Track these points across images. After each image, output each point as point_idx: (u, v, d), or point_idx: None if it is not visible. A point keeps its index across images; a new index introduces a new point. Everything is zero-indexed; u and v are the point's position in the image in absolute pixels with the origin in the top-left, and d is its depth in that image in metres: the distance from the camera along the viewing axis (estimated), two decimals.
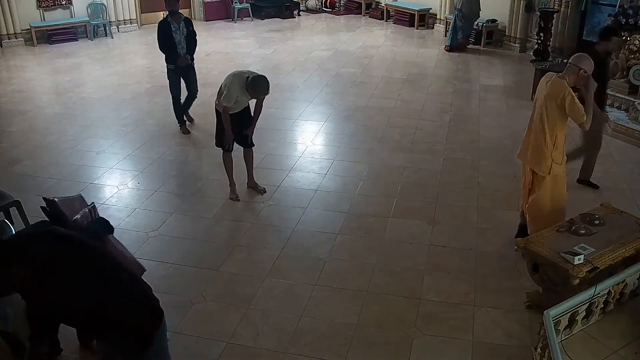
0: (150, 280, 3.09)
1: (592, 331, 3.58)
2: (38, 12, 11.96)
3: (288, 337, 3.91)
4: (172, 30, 6.90)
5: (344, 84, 9.43)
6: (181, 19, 6.99)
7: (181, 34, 6.97)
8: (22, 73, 10.16)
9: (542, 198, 4.59)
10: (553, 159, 4.46)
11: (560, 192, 4.62)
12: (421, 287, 4.41)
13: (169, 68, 7.17)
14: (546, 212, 4.58)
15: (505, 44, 11.63)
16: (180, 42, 6.99)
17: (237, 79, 5.29)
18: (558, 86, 4.34)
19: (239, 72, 5.41)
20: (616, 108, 7.69)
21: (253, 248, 4.96)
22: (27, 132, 7.42)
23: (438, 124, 7.69)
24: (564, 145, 4.54)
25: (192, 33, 7.09)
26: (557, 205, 4.61)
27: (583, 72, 4.33)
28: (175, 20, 6.92)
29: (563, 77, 4.38)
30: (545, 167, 4.49)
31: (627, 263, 3.84)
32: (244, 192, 5.84)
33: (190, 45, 7.13)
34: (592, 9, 9.70)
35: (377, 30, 13.56)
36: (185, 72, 7.24)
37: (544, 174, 4.51)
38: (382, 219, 5.35)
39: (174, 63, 7.06)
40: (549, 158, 4.46)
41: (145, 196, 5.79)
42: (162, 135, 7.32)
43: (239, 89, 5.26)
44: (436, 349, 3.82)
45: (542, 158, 4.49)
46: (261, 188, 5.82)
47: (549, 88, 4.40)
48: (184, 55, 7.06)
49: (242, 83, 5.25)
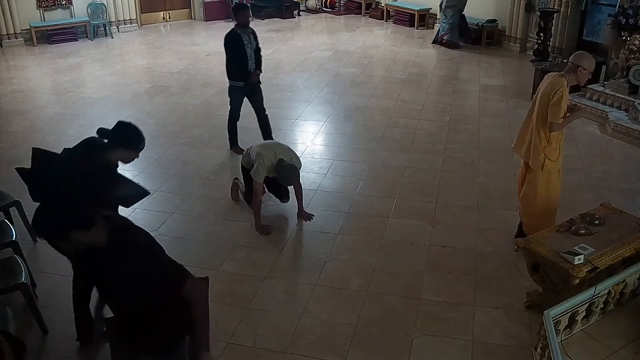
0: None
1: (592, 331, 3.57)
2: (38, 12, 11.97)
3: (288, 337, 3.91)
4: (244, 44, 6.26)
5: (344, 84, 9.43)
6: (250, 31, 6.37)
7: (251, 48, 6.35)
8: (22, 73, 10.16)
9: (533, 192, 4.65)
10: (546, 154, 4.51)
11: (553, 190, 4.66)
12: (421, 287, 4.41)
13: (235, 85, 6.47)
14: (538, 208, 4.65)
15: (505, 44, 11.62)
16: (251, 57, 6.34)
17: (267, 158, 5.02)
18: (555, 83, 4.39)
19: (270, 150, 5.13)
20: (616, 108, 7.69)
21: (253, 248, 4.96)
22: (27, 132, 7.42)
23: (438, 124, 7.69)
24: (559, 143, 4.56)
25: (258, 47, 6.51)
26: (549, 202, 4.67)
27: (581, 69, 4.36)
28: (245, 33, 6.30)
29: (563, 76, 4.42)
30: (538, 162, 4.54)
31: (627, 263, 3.84)
32: None
33: (258, 59, 6.49)
34: (592, 9, 9.70)
35: (377, 30, 13.57)
36: (252, 91, 6.53)
37: (537, 169, 4.57)
38: (382, 219, 5.35)
39: (244, 80, 6.39)
40: (542, 153, 4.51)
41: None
42: (162, 135, 7.32)
43: (269, 167, 5.03)
44: (436, 349, 3.82)
45: (535, 153, 4.54)
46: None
47: (547, 85, 4.45)
48: (254, 71, 6.41)
49: (272, 163, 5.03)
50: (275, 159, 5.06)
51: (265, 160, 5.03)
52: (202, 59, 11.06)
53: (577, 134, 7.40)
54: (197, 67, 10.45)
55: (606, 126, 7.50)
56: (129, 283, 2.64)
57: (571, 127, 7.61)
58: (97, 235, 2.53)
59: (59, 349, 3.80)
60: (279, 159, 5.07)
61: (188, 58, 11.07)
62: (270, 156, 5.07)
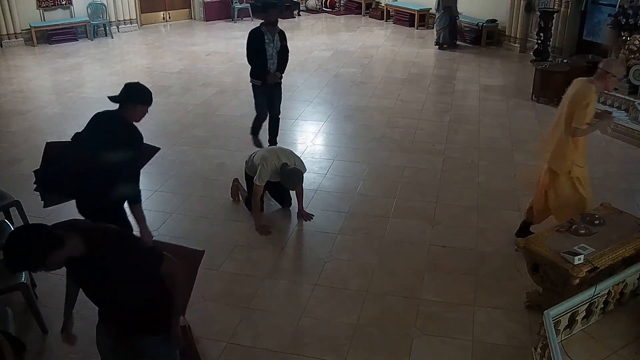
0: None
1: (592, 331, 3.57)
2: (38, 12, 11.98)
3: (288, 337, 3.91)
4: (265, 42, 6.19)
5: (344, 84, 9.43)
6: (276, 30, 6.27)
7: (274, 48, 6.27)
8: (22, 73, 10.16)
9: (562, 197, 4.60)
10: (573, 160, 4.50)
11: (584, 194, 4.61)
12: (421, 287, 4.41)
13: (255, 84, 6.45)
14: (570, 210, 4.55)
15: (505, 44, 11.62)
16: (272, 57, 6.26)
17: (270, 162, 5.02)
18: (584, 91, 4.37)
19: (274, 153, 5.13)
20: (616, 108, 7.69)
21: (253, 248, 4.96)
22: (27, 132, 7.42)
23: (438, 124, 7.69)
24: (586, 149, 4.56)
25: (284, 48, 6.38)
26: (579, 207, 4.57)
27: (611, 76, 4.34)
28: (269, 31, 6.22)
29: (592, 82, 4.39)
30: (565, 167, 4.52)
31: (627, 263, 3.84)
32: None
33: (282, 61, 6.39)
34: (592, 9, 9.70)
35: (377, 30, 13.57)
36: (271, 91, 6.47)
37: (562, 173, 4.55)
38: (382, 219, 5.35)
39: (262, 79, 6.34)
40: (569, 158, 4.50)
41: (145, 196, 5.75)
42: (162, 135, 7.31)
43: (272, 171, 5.03)
44: (436, 349, 3.82)
45: (562, 157, 4.52)
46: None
47: (575, 90, 4.43)
48: (274, 72, 6.33)
49: (276, 167, 5.03)
50: (279, 163, 5.06)
51: (268, 164, 5.02)
52: (202, 59, 11.06)
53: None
54: (197, 67, 10.45)
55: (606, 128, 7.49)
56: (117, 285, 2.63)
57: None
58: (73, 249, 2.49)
59: (59, 349, 3.79)
60: (282, 163, 5.06)
61: (188, 58, 11.07)
62: (274, 160, 5.06)
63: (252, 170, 5.19)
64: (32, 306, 3.87)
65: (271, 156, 5.08)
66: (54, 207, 5.43)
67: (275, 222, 5.33)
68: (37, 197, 5.64)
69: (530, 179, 5.63)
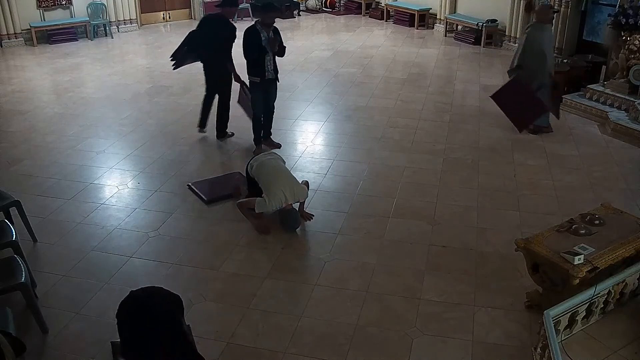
0: (151, 281, 3.11)
1: (592, 331, 3.57)
2: (38, 12, 11.96)
3: (288, 337, 3.91)
4: (261, 39, 6.32)
5: (344, 83, 9.43)
6: (271, 28, 6.41)
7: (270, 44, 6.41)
8: (22, 73, 10.15)
9: None
10: None
11: None
12: (421, 287, 4.41)
13: (253, 81, 6.52)
14: None
15: (505, 44, 11.62)
16: (269, 53, 6.41)
17: (276, 201, 5.04)
18: None
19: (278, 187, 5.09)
20: (616, 108, 7.69)
21: (253, 248, 4.96)
22: (27, 132, 7.42)
23: (438, 124, 7.69)
24: None
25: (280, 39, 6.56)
26: None
27: None
28: (265, 30, 6.35)
29: None
30: None
31: (627, 263, 3.84)
32: None
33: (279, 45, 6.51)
34: (592, 9, 9.69)
35: (377, 30, 13.57)
36: (269, 88, 6.61)
37: None
38: (382, 219, 5.35)
39: (260, 76, 6.44)
40: None
41: (145, 196, 5.79)
42: (162, 135, 7.32)
43: (274, 210, 5.11)
44: (436, 349, 3.82)
45: None
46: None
47: None
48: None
49: (278, 208, 5.10)
50: (282, 205, 5.06)
51: (274, 202, 5.03)
52: None
53: (577, 134, 7.40)
54: (197, 67, 10.35)
55: (606, 126, 7.49)
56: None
57: (571, 127, 7.63)
58: None
59: (59, 349, 3.80)
60: (284, 202, 5.06)
61: None
62: (279, 200, 5.04)
63: (256, 175, 5.24)
64: (32, 306, 3.87)
65: (277, 193, 5.04)
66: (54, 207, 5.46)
67: (276, 222, 5.32)
68: (37, 197, 5.67)
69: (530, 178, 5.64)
